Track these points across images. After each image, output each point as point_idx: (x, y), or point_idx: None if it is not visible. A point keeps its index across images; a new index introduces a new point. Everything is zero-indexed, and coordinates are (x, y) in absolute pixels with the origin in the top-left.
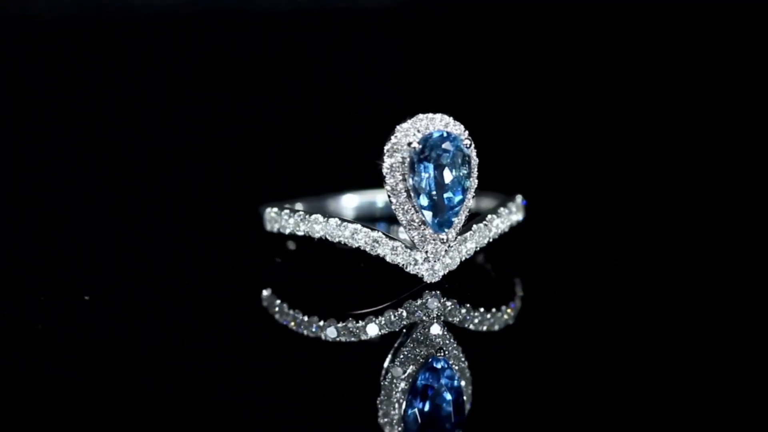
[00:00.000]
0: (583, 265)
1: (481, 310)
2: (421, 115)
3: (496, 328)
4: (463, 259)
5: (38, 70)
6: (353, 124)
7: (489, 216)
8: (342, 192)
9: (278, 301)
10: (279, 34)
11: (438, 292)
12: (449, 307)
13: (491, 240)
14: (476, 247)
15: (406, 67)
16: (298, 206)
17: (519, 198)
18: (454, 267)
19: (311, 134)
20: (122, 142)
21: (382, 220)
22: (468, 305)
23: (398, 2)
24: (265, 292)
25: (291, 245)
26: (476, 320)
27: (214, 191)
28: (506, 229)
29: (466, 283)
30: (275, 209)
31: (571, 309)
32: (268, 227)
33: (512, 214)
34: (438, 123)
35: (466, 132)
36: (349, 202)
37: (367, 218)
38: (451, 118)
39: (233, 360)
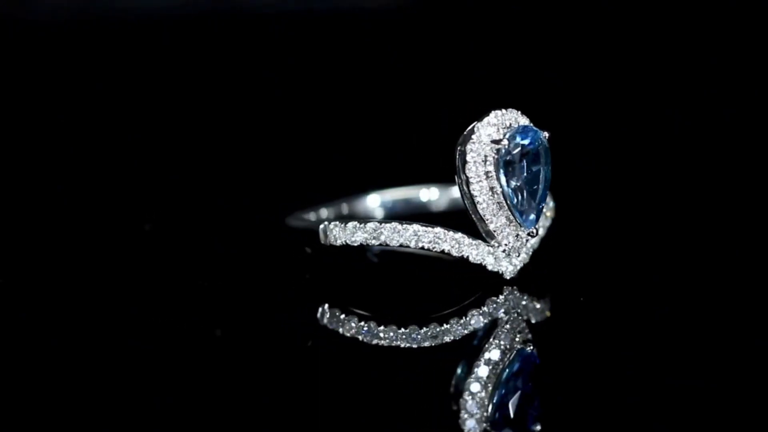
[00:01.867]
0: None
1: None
2: (496, 111)
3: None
4: (531, 252)
5: (41, 74)
6: (356, 124)
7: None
8: (366, 193)
9: (342, 315)
10: (280, 36)
11: (512, 293)
12: (527, 303)
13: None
14: (539, 240)
15: (408, 67)
16: (323, 212)
17: None
18: (527, 261)
19: (318, 136)
20: (124, 143)
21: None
22: (535, 298)
23: (404, 3)
24: (323, 308)
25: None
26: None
27: (223, 198)
28: (552, 220)
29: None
30: (335, 221)
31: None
32: (331, 240)
33: (551, 203)
34: (511, 117)
35: (531, 124)
36: (374, 202)
37: (398, 217)
38: (519, 111)
39: (309, 373)
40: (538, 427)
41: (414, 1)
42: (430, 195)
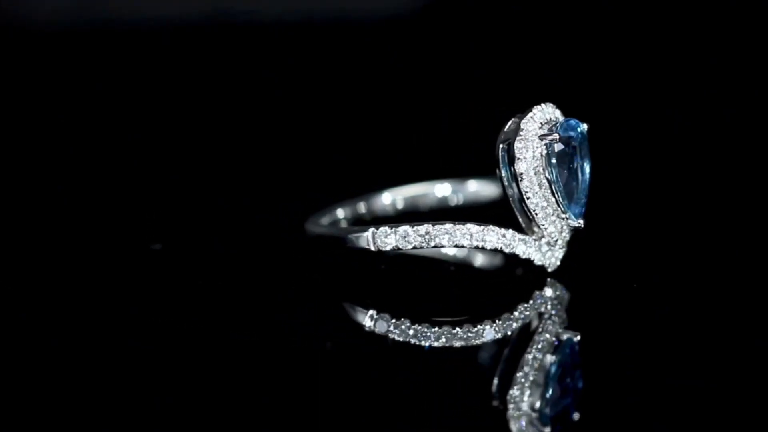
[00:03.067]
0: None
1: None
2: (539, 106)
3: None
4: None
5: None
6: (354, 125)
7: None
8: (378, 191)
9: (392, 319)
10: (282, 38)
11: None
12: (563, 296)
13: None
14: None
15: (407, 67)
16: (339, 213)
17: None
18: (565, 254)
19: (317, 137)
20: (124, 145)
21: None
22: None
23: (409, 10)
24: (369, 313)
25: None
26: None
27: (224, 199)
28: None
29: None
30: (384, 227)
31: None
32: (380, 246)
33: None
34: (550, 112)
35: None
36: (388, 199)
37: (416, 213)
38: (554, 105)
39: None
40: (577, 416)
41: (416, 3)
42: (444, 191)
